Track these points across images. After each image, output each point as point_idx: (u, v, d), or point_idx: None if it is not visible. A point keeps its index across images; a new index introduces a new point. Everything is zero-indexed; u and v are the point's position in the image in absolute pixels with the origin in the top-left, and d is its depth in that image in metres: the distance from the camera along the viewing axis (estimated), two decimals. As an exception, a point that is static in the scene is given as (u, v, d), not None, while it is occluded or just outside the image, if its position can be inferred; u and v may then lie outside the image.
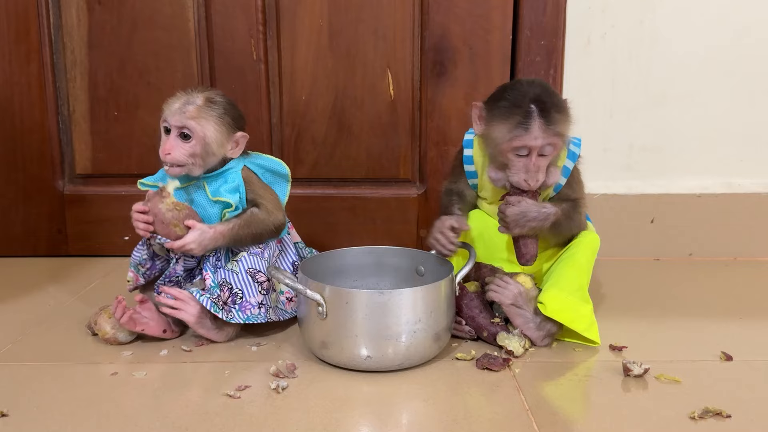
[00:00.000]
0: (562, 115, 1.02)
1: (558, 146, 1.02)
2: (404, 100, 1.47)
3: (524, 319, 1.02)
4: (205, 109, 1.05)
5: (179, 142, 1.04)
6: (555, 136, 1.00)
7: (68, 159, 1.51)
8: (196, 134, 1.04)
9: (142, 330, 1.04)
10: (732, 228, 1.51)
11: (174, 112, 1.04)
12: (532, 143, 0.99)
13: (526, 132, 0.99)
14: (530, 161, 1.01)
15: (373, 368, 0.95)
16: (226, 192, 1.07)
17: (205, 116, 1.04)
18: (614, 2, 1.45)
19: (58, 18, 1.45)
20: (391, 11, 1.43)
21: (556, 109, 1.01)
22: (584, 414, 0.87)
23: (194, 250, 1.04)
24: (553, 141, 1.00)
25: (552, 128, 0.99)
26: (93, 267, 1.45)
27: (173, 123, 1.04)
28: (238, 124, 1.09)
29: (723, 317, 1.18)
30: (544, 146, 1.00)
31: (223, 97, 1.08)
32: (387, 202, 1.51)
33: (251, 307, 1.04)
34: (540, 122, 0.99)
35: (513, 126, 1.00)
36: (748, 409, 0.85)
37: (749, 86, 1.48)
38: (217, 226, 1.05)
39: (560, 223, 1.05)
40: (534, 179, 1.01)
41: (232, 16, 1.43)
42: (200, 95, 1.06)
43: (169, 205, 1.04)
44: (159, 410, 0.85)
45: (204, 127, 1.04)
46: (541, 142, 0.99)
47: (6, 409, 0.85)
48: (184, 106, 1.04)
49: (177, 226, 1.04)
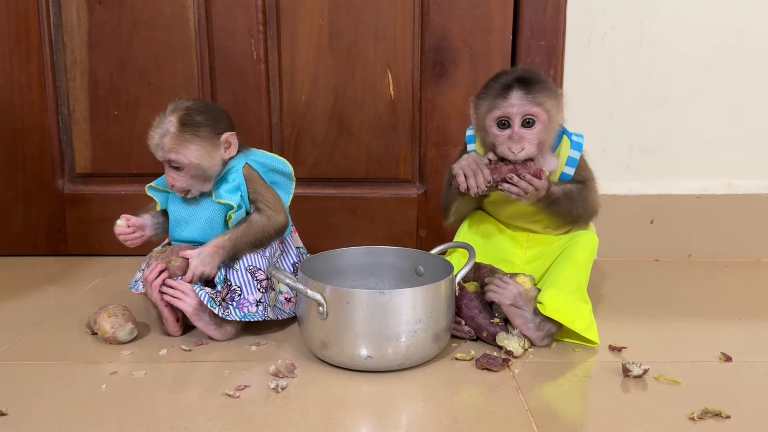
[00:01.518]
0: (544, 88, 1.05)
1: (541, 119, 1.03)
2: (404, 100, 1.47)
3: (524, 320, 1.02)
4: (180, 136, 1.04)
5: (175, 172, 1.06)
6: (535, 106, 1.03)
7: (68, 158, 1.51)
8: (183, 162, 1.04)
9: (163, 308, 1.05)
10: (732, 229, 1.51)
11: (155, 148, 1.05)
12: (510, 110, 1.03)
13: (504, 99, 1.03)
14: (513, 131, 1.03)
15: (373, 368, 0.95)
16: (226, 192, 1.07)
17: (182, 143, 1.04)
18: (614, 3, 1.45)
19: (58, 17, 1.45)
20: (392, 12, 1.43)
21: (536, 82, 1.04)
22: (583, 414, 0.87)
23: (206, 271, 1.05)
24: (533, 111, 1.03)
25: (530, 97, 1.03)
26: (92, 266, 1.45)
27: (159, 158, 1.06)
28: (220, 127, 1.07)
29: (722, 318, 1.18)
30: (524, 115, 1.03)
31: (195, 110, 1.06)
32: (387, 202, 1.51)
33: (249, 305, 1.04)
34: (518, 92, 1.03)
35: (494, 97, 1.04)
36: (748, 410, 0.85)
37: (749, 87, 1.48)
38: (213, 240, 1.06)
39: (559, 200, 1.06)
40: (518, 147, 1.03)
41: (233, 16, 1.44)
42: (173, 118, 1.04)
43: (155, 255, 1.08)
44: (158, 410, 0.85)
45: (187, 155, 1.04)
46: (518, 109, 1.03)
47: (5, 408, 0.85)
48: (161, 140, 1.04)
49: (170, 261, 1.05)
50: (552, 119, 1.05)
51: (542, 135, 1.04)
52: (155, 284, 1.03)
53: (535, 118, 1.03)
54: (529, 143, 1.03)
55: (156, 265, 1.04)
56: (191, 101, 1.07)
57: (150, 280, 1.03)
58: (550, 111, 1.04)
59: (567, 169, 1.10)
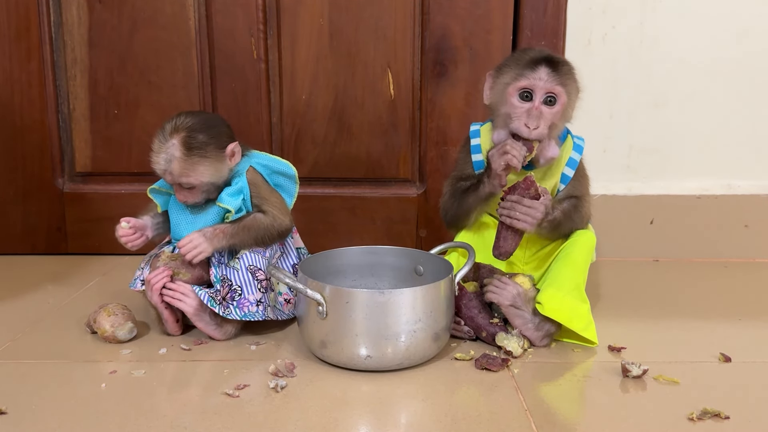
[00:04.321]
0: (570, 72, 1.06)
1: (562, 99, 1.04)
2: (404, 99, 1.47)
3: (523, 320, 1.02)
4: (188, 159, 1.02)
5: (187, 192, 1.05)
6: (560, 85, 1.03)
7: (68, 157, 1.51)
8: (195, 184, 1.04)
9: (164, 308, 1.04)
10: (731, 229, 1.51)
11: (163, 173, 1.04)
12: (537, 83, 1.03)
13: (532, 71, 1.03)
14: (533, 105, 1.03)
15: (372, 368, 0.95)
16: (228, 196, 1.06)
17: (191, 166, 1.03)
18: (615, 3, 1.45)
19: (58, 16, 1.45)
20: (392, 11, 1.43)
21: (564, 64, 1.05)
22: (582, 415, 0.87)
23: (202, 245, 1.03)
24: (556, 90, 1.03)
25: (558, 77, 1.03)
26: (92, 265, 1.45)
27: (169, 182, 1.05)
28: (223, 140, 1.05)
29: (722, 318, 1.18)
30: (548, 93, 1.03)
31: (197, 129, 1.03)
32: (387, 201, 1.51)
33: (249, 305, 1.04)
34: (547, 69, 1.03)
35: (521, 68, 1.04)
36: (747, 411, 0.86)
37: (749, 88, 1.48)
38: (219, 225, 1.06)
39: (560, 222, 1.06)
40: (534, 123, 1.03)
41: (233, 15, 1.43)
42: (175, 141, 1.02)
43: (165, 259, 1.07)
44: (158, 409, 0.85)
45: (198, 177, 1.04)
46: (545, 84, 1.03)
47: (5, 407, 0.85)
48: (168, 165, 1.02)
49: (178, 273, 1.05)
50: (570, 104, 1.06)
51: (557, 117, 1.05)
52: (156, 287, 1.03)
53: (557, 97, 1.04)
54: (545, 122, 1.04)
55: (162, 271, 1.04)
56: (189, 118, 1.04)
57: (152, 283, 1.03)
58: (571, 95, 1.06)
59: (567, 170, 1.10)
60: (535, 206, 1.02)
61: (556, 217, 1.06)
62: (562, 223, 1.07)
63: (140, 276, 1.09)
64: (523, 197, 1.03)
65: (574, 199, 1.09)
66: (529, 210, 1.02)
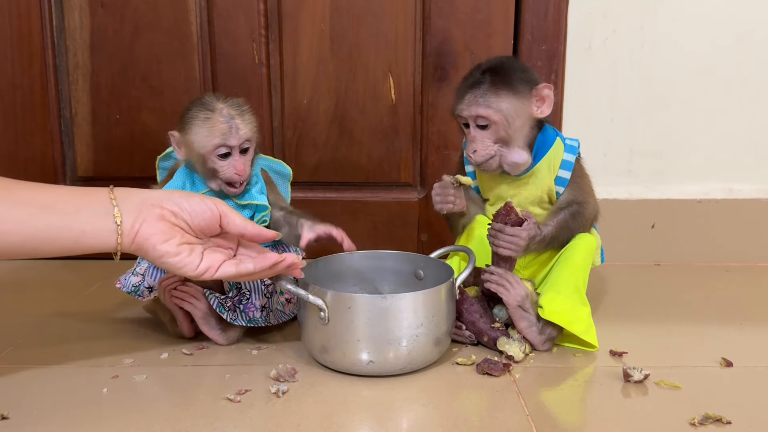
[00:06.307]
0: (496, 85, 1.05)
1: (494, 119, 1.04)
2: (405, 104, 1.47)
3: (528, 323, 1.02)
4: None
5: (245, 157, 1.05)
6: (483, 107, 1.04)
7: (70, 161, 1.51)
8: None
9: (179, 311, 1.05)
10: (733, 234, 1.51)
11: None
12: (463, 112, 1.06)
13: (460, 102, 1.07)
14: (468, 132, 1.07)
15: (374, 373, 0.95)
16: (257, 193, 1.06)
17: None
18: (615, 7, 1.45)
19: (60, 21, 1.45)
20: (393, 16, 1.43)
21: (482, 83, 1.05)
22: (584, 420, 0.87)
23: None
24: (482, 113, 1.04)
25: (480, 99, 1.04)
26: (94, 269, 1.45)
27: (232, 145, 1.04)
28: None
29: (723, 323, 1.18)
30: (477, 117, 1.05)
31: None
32: (388, 205, 1.51)
33: (254, 310, 1.04)
34: (470, 95, 1.05)
35: (455, 100, 1.08)
36: (749, 416, 0.85)
37: (750, 92, 1.48)
38: None
39: (553, 237, 1.07)
40: (470, 149, 1.06)
41: (234, 20, 1.44)
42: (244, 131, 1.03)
43: None
44: (159, 414, 0.85)
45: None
46: (469, 111, 1.05)
47: (6, 412, 0.85)
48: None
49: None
50: (511, 114, 1.05)
51: (500, 132, 1.05)
52: (167, 289, 1.03)
53: (487, 118, 1.05)
54: (482, 145, 1.06)
55: (175, 276, 1.03)
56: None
57: (164, 285, 1.03)
58: (505, 110, 1.04)
59: (562, 172, 1.09)
60: (517, 233, 1.02)
61: (546, 234, 1.06)
62: (556, 236, 1.07)
63: (139, 282, 1.07)
64: (506, 224, 1.03)
65: (574, 206, 1.09)
66: (512, 239, 1.02)
